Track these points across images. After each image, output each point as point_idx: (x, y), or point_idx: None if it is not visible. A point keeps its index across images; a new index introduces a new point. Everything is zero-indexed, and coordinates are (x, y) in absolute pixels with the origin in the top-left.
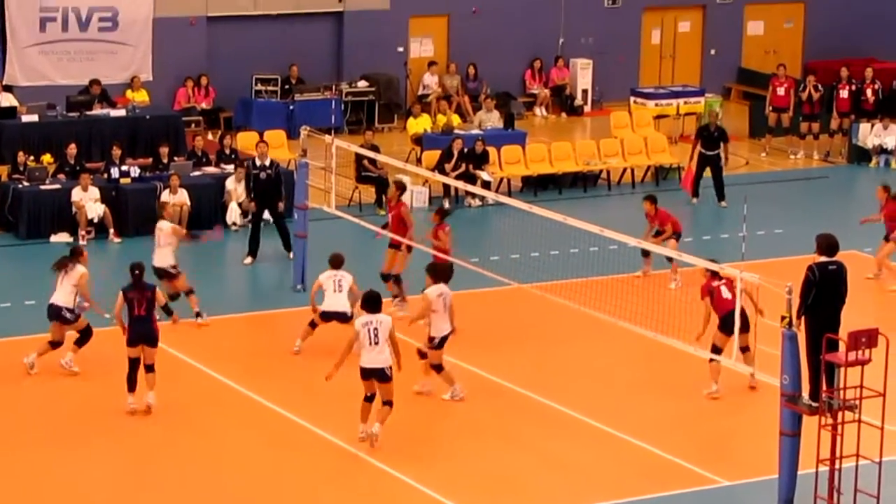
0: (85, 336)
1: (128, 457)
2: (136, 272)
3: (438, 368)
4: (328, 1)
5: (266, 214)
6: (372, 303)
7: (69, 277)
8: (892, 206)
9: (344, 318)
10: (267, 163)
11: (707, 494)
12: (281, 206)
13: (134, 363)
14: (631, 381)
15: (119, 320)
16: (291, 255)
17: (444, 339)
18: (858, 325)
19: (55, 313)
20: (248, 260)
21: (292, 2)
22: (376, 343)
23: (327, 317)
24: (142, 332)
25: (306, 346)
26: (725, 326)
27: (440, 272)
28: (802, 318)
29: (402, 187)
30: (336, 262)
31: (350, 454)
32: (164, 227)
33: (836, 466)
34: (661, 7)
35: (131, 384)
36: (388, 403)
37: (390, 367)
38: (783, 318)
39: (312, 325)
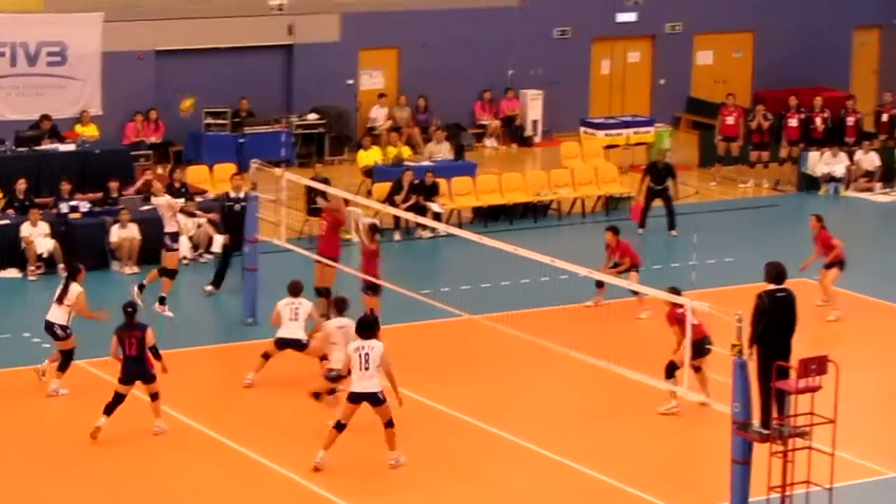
0: (67, 359)
1: (76, 489)
2: (129, 310)
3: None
4: (278, 34)
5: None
6: (365, 328)
7: (66, 297)
8: (824, 234)
9: (299, 345)
10: (241, 195)
11: None
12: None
13: (119, 397)
14: (582, 409)
15: (116, 359)
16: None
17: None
18: (808, 352)
19: (48, 329)
20: (210, 288)
21: (242, 35)
22: (366, 368)
23: (282, 344)
24: (135, 372)
25: (260, 378)
26: (698, 352)
27: (341, 304)
28: (754, 345)
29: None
30: (294, 290)
31: (301, 486)
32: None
33: (787, 493)
34: (611, 38)
35: (109, 411)
36: (388, 425)
37: (382, 392)
38: (734, 346)
39: (265, 356)
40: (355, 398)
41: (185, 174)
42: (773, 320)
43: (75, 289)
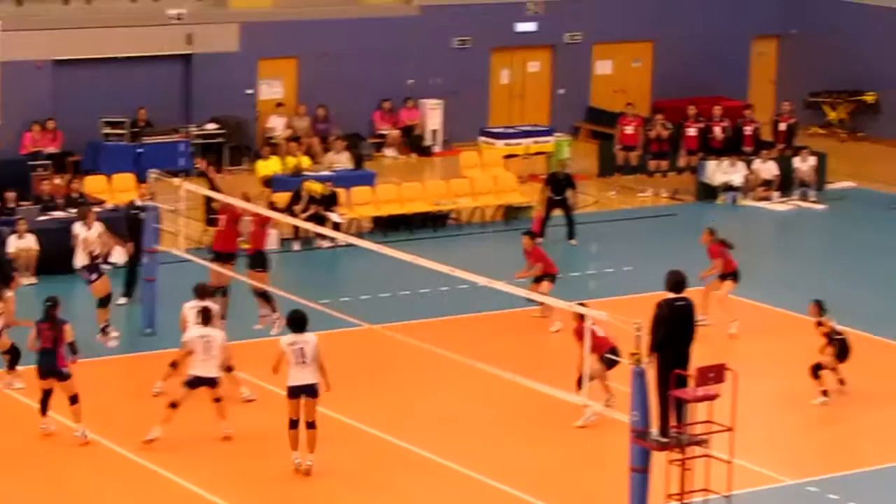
0: (14, 358)
1: None
2: (48, 304)
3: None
4: (177, 43)
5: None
6: (297, 323)
7: None
8: (716, 247)
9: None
10: (148, 203)
11: None
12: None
13: (46, 393)
14: (483, 420)
15: (32, 349)
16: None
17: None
18: (707, 361)
19: None
20: (123, 300)
21: (141, 44)
22: (303, 362)
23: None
24: (47, 366)
25: (168, 386)
26: (607, 363)
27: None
28: (654, 353)
29: None
30: (202, 293)
31: (205, 499)
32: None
33: (686, 501)
34: (510, 47)
35: (43, 408)
36: (311, 426)
37: (317, 384)
38: (632, 354)
39: (174, 364)
40: (294, 392)
41: (83, 184)
42: (673, 329)
43: (6, 294)
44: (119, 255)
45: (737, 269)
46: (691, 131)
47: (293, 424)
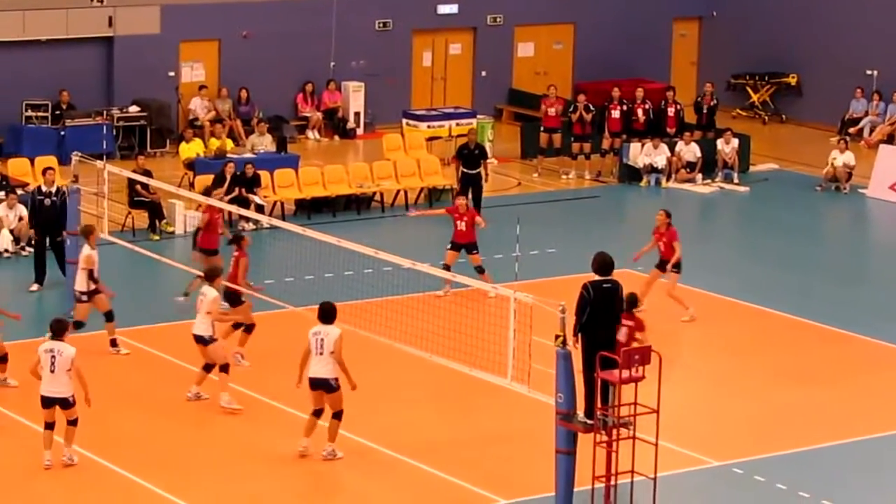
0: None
1: None
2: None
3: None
4: (98, 26)
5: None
6: (324, 314)
7: None
8: (672, 232)
9: (202, 341)
10: (53, 190)
11: None
12: (65, 233)
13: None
14: (407, 400)
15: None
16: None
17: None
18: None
19: None
20: (35, 287)
21: (62, 27)
22: (321, 353)
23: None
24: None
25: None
26: None
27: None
28: (579, 336)
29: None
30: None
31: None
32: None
33: (612, 483)
34: (432, 30)
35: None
36: (337, 416)
37: (336, 379)
38: (557, 336)
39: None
40: (313, 385)
41: (6, 167)
42: (598, 311)
43: None
44: (8, 242)
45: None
46: (615, 113)
47: (316, 413)
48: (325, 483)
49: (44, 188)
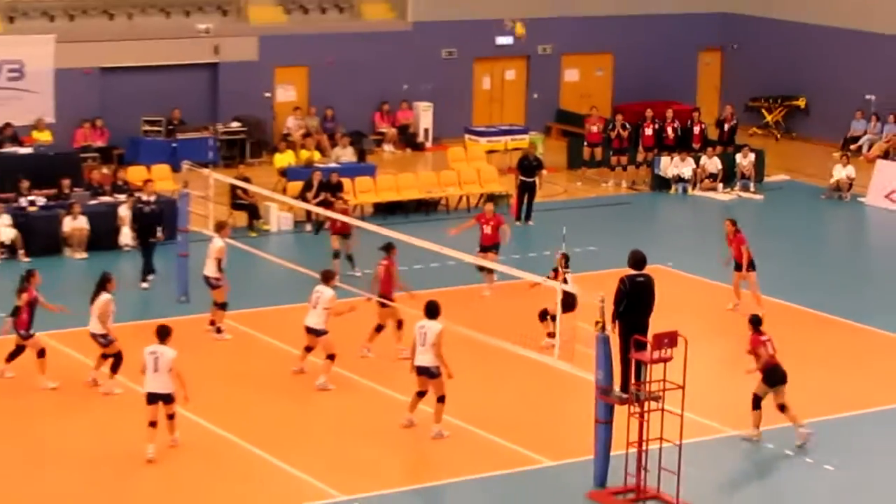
0: (117, 361)
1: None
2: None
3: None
4: (205, 53)
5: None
6: (429, 311)
7: (95, 306)
8: (739, 238)
9: (316, 332)
10: (151, 199)
11: (532, 474)
12: (160, 236)
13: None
14: (476, 377)
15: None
16: (144, 284)
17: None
18: (664, 328)
19: (93, 338)
20: (145, 285)
21: (174, 54)
22: (423, 345)
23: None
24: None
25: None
26: (768, 379)
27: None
28: (616, 322)
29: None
30: (326, 277)
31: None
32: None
33: (643, 449)
34: (491, 58)
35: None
36: (440, 399)
37: (437, 367)
38: (597, 322)
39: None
40: (418, 371)
41: (126, 173)
42: (633, 301)
43: (104, 297)
44: (129, 239)
45: (751, 260)
46: (648, 131)
47: (419, 394)
48: (391, 443)
49: (143, 197)
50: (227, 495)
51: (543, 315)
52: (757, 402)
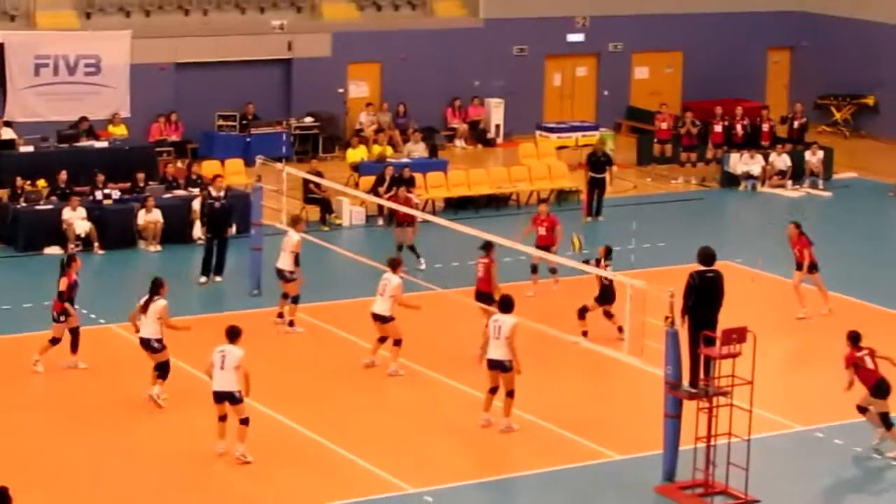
0: (164, 370)
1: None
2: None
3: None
4: (279, 49)
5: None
6: (504, 305)
7: (152, 311)
8: (803, 240)
9: (382, 319)
10: (221, 194)
11: (602, 467)
12: (231, 230)
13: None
14: (545, 372)
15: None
16: (220, 278)
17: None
18: (733, 324)
19: (145, 344)
20: (203, 279)
21: (248, 50)
22: (497, 338)
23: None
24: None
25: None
26: (878, 392)
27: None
28: (685, 317)
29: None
30: (393, 265)
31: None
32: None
33: (711, 443)
34: (562, 55)
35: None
36: (509, 394)
37: (510, 361)
38: (666, 317)
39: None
40: (490, 365)
41: (200, 167)
42: (702, 296)
43: (161, 302)
44: (202, 232)
45: (814, 262)
46: (717, 128)
47: (491, 390)
48: (465, 436)
49: (213, 192)
50: (298, 487)
51: (583, 312)
52: (862, 411)
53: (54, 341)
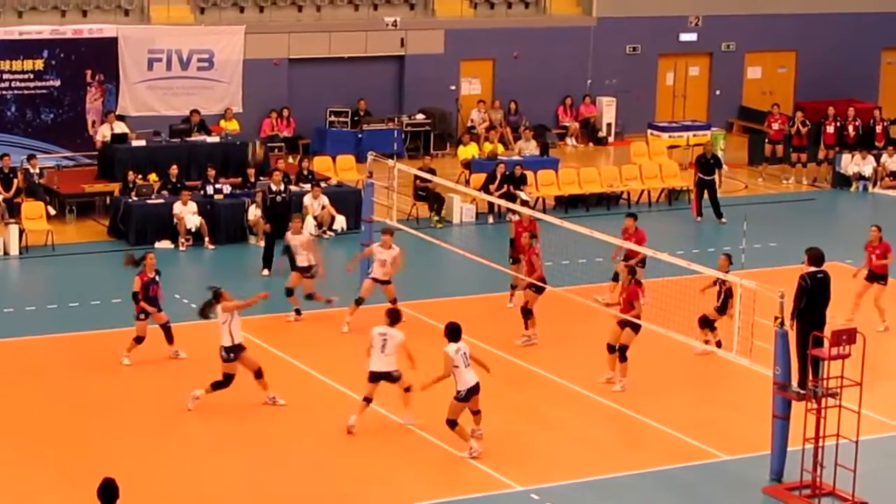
0: (224, 382)
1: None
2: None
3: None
4: (392, 46)
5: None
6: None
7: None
8: (884, 245)
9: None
10: (282, 188)
11: (710, 467)
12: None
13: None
14: (649, 372)
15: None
16: (267, 272)
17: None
18: (840, 325)
19: (227, 352)
20: (265, 272)
21: (361, 46)
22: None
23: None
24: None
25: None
26: None
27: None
28: (794, 318)
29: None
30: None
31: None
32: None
33: (820, 444)
34: (674, 54)
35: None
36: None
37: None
38: (776, 318)
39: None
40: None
41: (311, 163)
42: (813, 297)
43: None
44: (339, 223)
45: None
46: (829, 128)
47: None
48: (577, 435)
49: (273, 187)
50: (403, 483)
51: (704, 322)
52: None
53: (138, 340)
